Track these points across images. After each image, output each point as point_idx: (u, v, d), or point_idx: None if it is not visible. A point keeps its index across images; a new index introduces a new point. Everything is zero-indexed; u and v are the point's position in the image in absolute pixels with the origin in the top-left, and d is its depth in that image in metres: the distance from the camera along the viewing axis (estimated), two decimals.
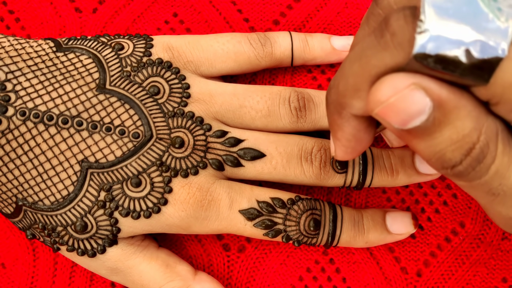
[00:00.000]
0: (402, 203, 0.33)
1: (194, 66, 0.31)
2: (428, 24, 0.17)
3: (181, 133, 0.28)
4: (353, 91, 0.20)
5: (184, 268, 0.30)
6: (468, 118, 0.18)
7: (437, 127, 0.18)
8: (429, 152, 0.19)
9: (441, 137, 0.18)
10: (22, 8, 0.35)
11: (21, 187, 0.27)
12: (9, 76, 0.27)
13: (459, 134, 0.18)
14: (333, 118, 0.22)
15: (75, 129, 0.27)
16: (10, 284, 0.33)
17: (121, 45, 0.30)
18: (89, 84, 0.28)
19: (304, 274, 0.32)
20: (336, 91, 0.21)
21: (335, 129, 0.23)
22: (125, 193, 0.28)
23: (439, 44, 0.17)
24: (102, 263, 0.29)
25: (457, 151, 0.18)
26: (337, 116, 0.22)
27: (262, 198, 0.29)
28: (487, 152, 0.19)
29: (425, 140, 0.19)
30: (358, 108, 0.20)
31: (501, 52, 0.17)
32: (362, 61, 0.19)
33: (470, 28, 0.17)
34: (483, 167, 0.19)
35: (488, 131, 0.18)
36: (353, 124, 0.22)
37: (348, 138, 0.22)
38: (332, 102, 0.22)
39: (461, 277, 0.32)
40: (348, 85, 0.20)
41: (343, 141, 0.23)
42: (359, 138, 0.22)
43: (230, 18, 0.35)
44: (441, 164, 0.19)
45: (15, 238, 0.33)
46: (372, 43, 0.19)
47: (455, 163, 0.19)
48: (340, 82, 0.20)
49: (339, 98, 0.21)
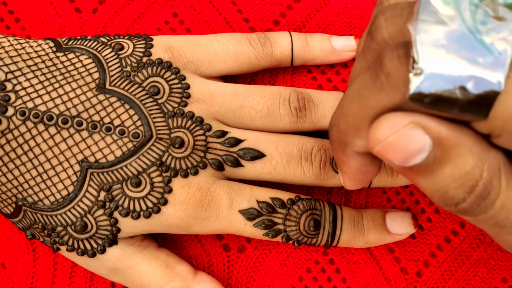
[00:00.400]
0: (402, 203, 0.33)
1: (194, 66, 0.31)
2: (422, 63, 0.16)
3: (181, 133, 0.28)
4: (353, 130, 0.20)
5: (184, 268, 0.30)
6: (470, 155, 0.18)
7: (438, 164, 0.18)
8: (431, 189, 0.19)
9: (443, 175, 0.18)
10: (22, 8, 0.35)
11: (21, 187, 0.27)
12: (9, 76, 0.27)
13: (460, 171, 0.18)
14: (338, 155, 0.22)
15: (75, 129, 0.27)
16: (10, 284, 0.33)
17: (121, 45, 0.30)
18: (89, 84, 0.28)
19: (304, 274, 0.32)
20: (337, 130, 0.21)
21: (340, 165, 0.23)
22: (125, 193, 0.28)
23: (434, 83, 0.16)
24: (102, 263, 0.29)
25: (460, 188, 0.18)
26: (341, 153, 0.22)
27: (262, 198, 0.29)
28: (491, 189, 0.18)
29: (427, 177, 0.19)
30: (360, 146, 0.20)
31: (498, 86, 0.16)
32: (360, 102, 0.19)
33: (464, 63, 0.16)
34: (488, 203, 0.19)
35: (491, 166, 0.18)
36: (358, 160, 0.22)
37: (355, 172, 0.23)
38: (335, 140, 0.22)
39: (461, 277, 0.32)
40: (349, 124, 0.20)
41: (350, 175, 0.23)
42: (366, 171, 0.23)
43: (230, 18, 0.35)
44: (444, 201, 0.19)
45: (15, 238, 0.33)
46: (368, 83, 0.19)
47: (458, 200, 0.19)
48: (340, 121, 0.21)
49: (341, 136, 0.21)
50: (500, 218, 0.19)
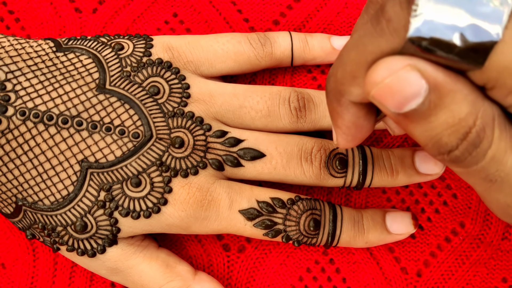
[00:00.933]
0: (402, 203, 0.33)
1: (194, 66, 0.31)
2: (422, 8, 0.17)
3: (181, 133, 0.28)
4: (350, 78, 0.20)
5: (184, 268, 0.30)
6: (464, 102, 0.18)
7: (433, 110, 0.18)
8: (425, 136, 0.19)
9: (437, 121, 0.18)
10: (22, 8, 0.35)
11: (21, 187, 0.27)
12: (9, 76, 0.27)
13: (455, 118, 0.18)
14: (333, 106, 0.22)
15: (75, 129, 0.27)
16: (10, 284, 0.33)
17: (121, 45, 0.30)
18: (89, 84, 0.28)
19: (304, 274, 0.32)
20: (334, 79, 0.21)
21: (335, 117, 0.23)
22: (125, 193, 0.28)
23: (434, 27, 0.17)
24: (102, 263, 0.29)
25: (453, 135, 0.18)
26: (336, 103, 0.22)
27: (262, 198, 0.29)
28: (484, 137, 0.19)
29: (421, 124, 0.19)
30: (357, 94, 0.20)
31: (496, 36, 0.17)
32: (359, 48, 0.19)
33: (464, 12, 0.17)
34: (480, 152, 0.19)
35: (485, 115, 0.18)
36: (353, 111, 0.22)
37: (348, 125, 0.22)
38: (331, 90, 0.22)
39: (461, 277, 0.32)
40: (346, 72, 0.20)
41: (344, 128, 0.23)
42: (359, 125, 0.23)
43: (230, 18, 0.35)
44: (437, 149, 0.19)
45: (15, 238, 0.33)
46: (369, 30, 0.19)
47: (451, 147, 0.19)
48: (338, 69, 0.21)
49: (338, 85, 0.21)
50: (491, 170, 0.19)
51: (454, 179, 0.33)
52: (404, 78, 0.18)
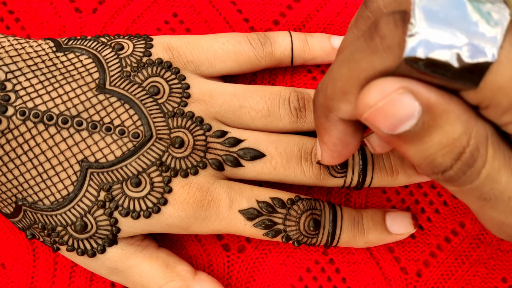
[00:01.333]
0: (402, 203, 0.33)
1: (194, 66, 0.31)
2: (418, 27, 0.17)
3: (181, 133, 0.28)
4: (341, 94, 0.20)
5: (184, 268, 0.30)
6: (458, 122, 0.18)
7: (427, 131, 0.18)
8: (419, 157, 0.19)
9: (431, 142, 0.18)
10: (22, 8, 0.35)
11: (21, 187, 0.27)
12: (9, 76, 0.27)
13: (448, 138, 0.18)
14: (320, 122, 0.22)
15: (75, 129, 0.27)
16: (10, 284, 0.33)
17: (121, 45, 0.30)
18: (89, 84, 0.28)
19: (304, 274, 0.32)
20: (324, 94, 0.21)
21: (321, 133, 0.23)
22: (125, 193, 0.28)
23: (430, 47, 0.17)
24: (102, 263, 0.29)
25: (447, 155, 0.18)
26: (324, 119, 0.22)
27: (262, 198, 0.29)
28: (478, 156, 0.19)
29: (415, 145, 0.19)
30: (346, 111, 0.20)
31: (491, 57, 0.17)
32: (351, 64, 0.19)
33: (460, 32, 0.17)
34: (474, 171, 0.19)
35: (478, 135, 0.18)
36: (340, 128, 0.22)
37: (335, 142, 0.22)
38: (319, 105, 0.22)
39: (461, 277, 0.32)
40: (336, 88, 0.20)
41: (330, 145, 0.23)
42: (346, 143, 0.22)
43: (230, 18, 0.35)
44: (431, 169, 0.19)
45: (15, 238, 0.33)
46: (362, 46, 0.19)
47: (445, 167, 0.19)
48: (328, 85, 0.20)
49: (327, 101, 0.21)
50: (485, 189, 0.19)
51: None
52: (398, 101, 0.18)
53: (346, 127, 0.22)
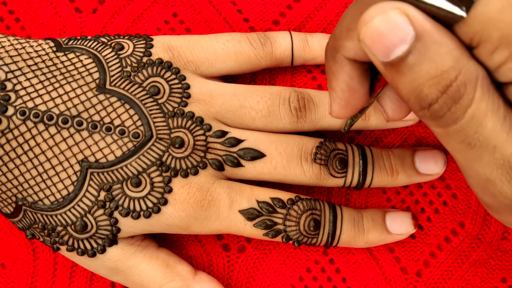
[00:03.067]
0: (402, 203, 0.33)
1: (194, 66, 0.31)
2: None
3: (181, 133, 0.28)
4: (346, 31, 0.21)
5: (184, 268, 0.30)
6: (448, 56, 0.18)
7: (418, 60, 0.18)
8: (408, 89, 0.19)
9: (420, 72, 0.19)
10: (22, 8, 0.35)
11: (21, 186, 0.27)
12: (9, 76, 0.27)
13: (437, 70, 0.18)
14: (329, 65, 0.23)
15: (75, 129, 0.27)
16: (10, 284, 0.33)
17: (121, 45, 0.30)
18: (89, 84, 0.28)
19: (304, 274, 0.32)
20: (332, 36, 0.22)
21: (330, 77, 0.23)
22: (125, 193, 0.28)
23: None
24: (102, 263, 0.29)
25: (434, 86, 0.19)
26: (332, 61, 0.23)
27: (262, 198, 0.29)
28: (464, 93, 0.19)
29: (406, 74, 0.19)
30: (350, 49, 0.21)
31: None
32: (356, 4, 0.20)
33: None
34: (459, 108, 0.19)
35: (468, 73, 0.19)
36: (347, 70, 0.22)
37: (342, 87, 0.23)
38: (328, 48, 0.23)
39: (460, 277, 0.32)
40: (343, 26, 0.21)
41: (337, 90, 0.23)
42: (353, 88, 0.23)
43: (230, 18, 0.35)
44: (418, 102, 0.19)
45: (15, 238, 0.33)
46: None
47: (431, 100, 0.19)
48: (336, 28, 0.22)
49: (334, 41, 0.22)
50: (470, 132, 0.19)
51: (454, 179, 0.33)
52: (392, 20, 0.18)
53: (352, 68, 0.22)
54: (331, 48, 0.22)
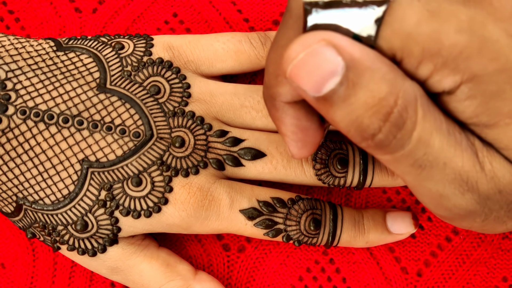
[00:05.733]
0: (403, 203, 0.33)
1: (194, 66, 0.31)
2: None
3: (181, 133, 0.28)
4: (274, 78, 0.20)
5: (185, 268, 0.30)
6: (383, 81, 0.18)
7: (352, 90, 0.17)
8: (347, 121, 0.18)
9: (357, 102, 0.18)
10: (22, 8, 0.35)
11: (21, 186, 0.27)
12: (10, 75, 0.27)
13: (374, 98, 0.18)
14: (272, 114, 0.22)
15: (75, 128, 0.27)
16: (10, 284, 0.33)
17: (121, 45, 0.30)
18: (89, 83, 0.28)
19: (304, 274, 0.32)
20: (264, 86, 0.21)
21: (278, 125, 0.22)
22: (126, 193, 0.28)
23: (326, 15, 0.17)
24: (103, 262, 0.29)
25: (375, 116, 0.18)
26: (273, 109, 0.22)
27: (263, 198, 0.29)
28: (407, 117, 0.18)
29: (341, 107, 0.18)
30: (285, 93, 0.20)
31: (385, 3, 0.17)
32: (274, 47, 0.20)
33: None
34: (405, 134, 0.18)
35: (406, 95, 0.18)
36: (290, 113, 0.22)
37: (292, 130, 0.22)
38: (266, 98, 0.22)
39: (461, 276, 0.32)
40: (270, 74, 0.20)
41: (289, 134, 0.22)
42: (303, 128, 0.22)
43: (230, 18, 0.35)
44: (360, 134, 0.18)
45: (15, 238, 0.33)
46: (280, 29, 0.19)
47: (374, 130, 0.18)
48: (265, 76, 0.21)
49: (267, 90, 0.21)
50: (419, 154, 0.19)
51: None
52: (320, 54, 0.17)
53: (295, 110, 0.21)
54: (268, 97, 0.22)
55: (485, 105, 0.18)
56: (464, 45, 0.17)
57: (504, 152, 0.19)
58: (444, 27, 0.17)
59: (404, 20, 0.17)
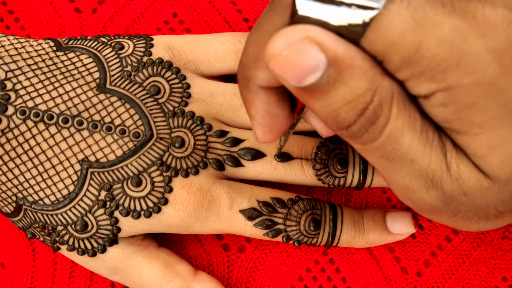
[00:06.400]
0: (402, 203, 0.33)
1: (194, 66, 0.31)
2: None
3: (181, 133, 0.28)
4: (253, 61, 0.20)
5: (185, 268, 0.30)
6: (363, 78, 0.18)
7: (332, 85, 0.18)
8: (325, 112, 0.19)
9: (336, 97, 0.18)
10: (22, 8, 0.35)
11: (21, 186, 0.27)
12: (9, 75, 0.27)
13: (353, 94, 0.18)
14: (243, 95, 0.22)
15: (75, 128, 0.27)
16: (10, 284, 0.33)
17: (121, 45, 0.30)
18: (89, 84, 0.28)
19: (304, 274, 0.32)
20: (240, 66, 0.21)
21: (247, 106, 0.23)
22: (126, 193, 0.28)
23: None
24: (103, 262, 0.29)
25: (351, 111, 0.18)
26: (246, 91, 0.22)
27: (263, 198, 0.29)
28: (380, 114, 0.19)
29: (321, 99, 0.18)
30: (262, 78, 0.21)
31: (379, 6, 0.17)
32: (257, 30, 0.20)
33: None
34: (376, 128, 0.19)
35: (383, 92, 0.18)
36: (263, 97, 0.22)
37: (262, 114, 0.22)
38: (239, 78, 0.22)
39: (461, 276, 0.32)
40: (249, 56, 0.20)
41: (258, 118, 0.23)
42: (273, 114, 0.22)
43: (230, 18, 0.35)
44: (336, 124, 0.19)
45: (15, 238, 0.33)
46: (265, 11, 0.19)
47: (349, 123, 0.19)
48: (243, 56, 0.21)
49: (244, 71, 0.21)
50: (388, 149, 0.19)
51: None
52: (303, 51, 0.17)
53: (268, 95, 0.22)
54: (242, 78, 0.22)
55: (457, 114, 0.19)
56: (443, 58, 0.17)
57: (473, 158, 0.20)
58: (426, 38, 0.17)
59: (389, 29, 0.17)
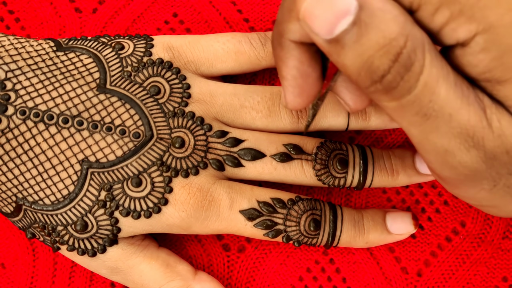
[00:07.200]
0: (403, 203, 0.33)
1: (194, 66, 0.31)
2: None
3: (181, 133, 0.28)
4: (288, 13, 0.20)
5: (185, 268, 0.30)
6: (394, 22, 0.18)
7: (364, 30, 0.18)
8: (358, 63, 0.19)
9: (368, 42, 0.18)
10: (22, 8, 0.35)
11: (21, 186, 0.27)
12: (9, 75, 0.27)
13: (386, 38, 0.18)
14: (276, 53, 0.22)
15: (75, 128, 0.27)
16: (10, 284, 0.33)
17: (121, 45, 0.30)
18: (89, 84, 0.28)
19: (304, 274, 0.32)
20: (276, 22, 0.21)
21: (279, 65, 0.23)
22: (126, 193, 0.28)
23: None
24: (103, 262, 0.29)
25: (385, 56, 0.18)
26: (279, 48, 0.22)
27: (263, 198, 0.29)
28: (415, 59, 0.18)
29: (353, 48, 0.18)
30: (295, 31, 0.21)
31: None
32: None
33: None
34: (412, 76, 0.18)
35: (415, 38, 0.18)
36: (295, 54, 0.22)
37: (293, 73, 0.22)
38: (274, 36, 0.22)
39: (461, 276, 0.32)
40: (284, 8, 0.20)
41: (289, 78, 0.22)
42: (304, 73, 0.22)
43: (230, 18, 0.35)
44: (370, 76, 0.19)
45: (15, 238, 0.33)
46: None
47: (383, 71, 0.18)
48: (279, 11, 0.21)
49: (278, 26, 0.21)
50: (424, 101, 0.19)
51: None
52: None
53: (300, 52, 0.22)
54: (276, 34, 0.22)
55: (499, 59, 0.18)
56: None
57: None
58: None
59: None
